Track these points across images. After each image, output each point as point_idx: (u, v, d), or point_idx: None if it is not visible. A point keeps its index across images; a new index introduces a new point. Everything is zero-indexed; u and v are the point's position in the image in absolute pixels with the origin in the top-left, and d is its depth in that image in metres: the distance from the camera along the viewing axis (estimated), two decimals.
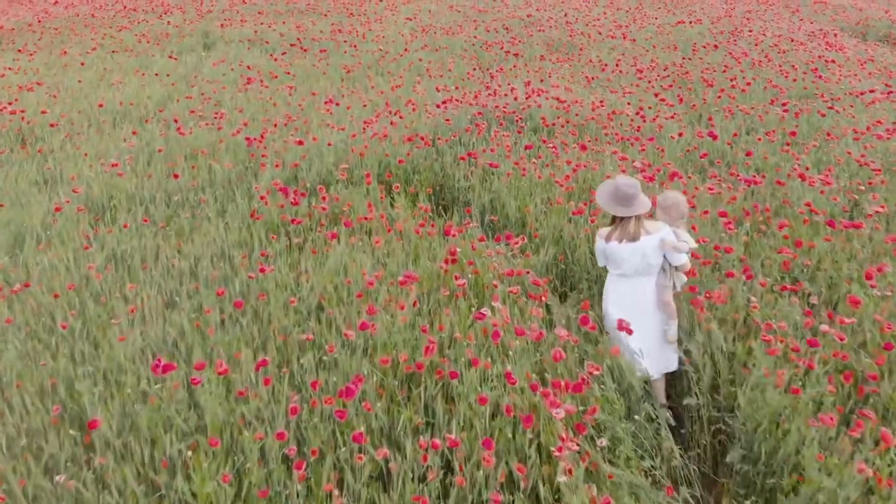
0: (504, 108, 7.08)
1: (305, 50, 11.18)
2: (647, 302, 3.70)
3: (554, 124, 6.72)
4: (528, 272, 4.26)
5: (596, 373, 3.11)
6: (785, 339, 3.64)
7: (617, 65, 9.77)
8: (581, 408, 3.01)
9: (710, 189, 5.26)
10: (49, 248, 5.14)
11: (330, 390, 3.26)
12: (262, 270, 4.30)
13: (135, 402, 3.41)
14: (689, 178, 5.71)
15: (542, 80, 8.98)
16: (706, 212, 4.82)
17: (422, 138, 6.49)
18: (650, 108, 7.38)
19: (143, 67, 10.74)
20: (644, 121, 6.90)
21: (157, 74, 10.05)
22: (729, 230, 4.55)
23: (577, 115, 7.03)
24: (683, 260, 3.67)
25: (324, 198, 5.51)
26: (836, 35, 12.12)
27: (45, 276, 4.73)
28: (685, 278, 3.84)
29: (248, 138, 6.82)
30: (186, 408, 3.34)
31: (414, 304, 3.75)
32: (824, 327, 3.70)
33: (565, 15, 13.94)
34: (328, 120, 7.65)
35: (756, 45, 10.70)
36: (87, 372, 3.71)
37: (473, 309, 3.75)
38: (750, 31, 11.98)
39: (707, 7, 15.27)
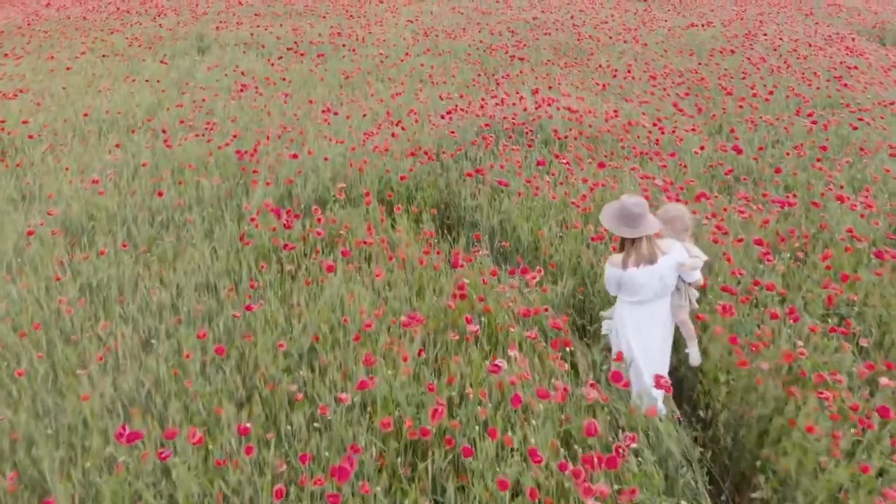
0: (513, 118, 6.63)
1: (303, 54, 10.75)
2: (665, 327, 3.45)
3: (566, 137, 6.28)
4: (545, 309, 3.83)
5: (633, 445, 2.67)
6: (840, 392, 3.21)
7: (629, 70, 9.33)
8: (616, 487, 2.57)
9: (740, 212, 4.82)
10: (20, 276, 4.70)
11: (322, 461, 2.82)
12: (248, 308, 3.87)
13: (100, 471, 2.98)
14: (716, 197, 5.27)
15: (550, 88, 8.54)
16: (740, 239, 4.37)
17: (425, 153, 6.05)
18: (667, 118, 6.93)
19: (133, 73, 10.30)
20: (662, 133, 6.46)
21: (147, 80, 9.61)
22: (768, 261, 4.10)
23: (590, 126, 6.59)
24: (698, 276, 3.49)
25: (319, 220, 5.07)
26: (853, 39, 11.67)
27: (14, 311, 4.30)
28: (697, 293, 3.61)
29: (238, 151, 6.38)
30: (158, 478, 2.91)
31: (419, 353, 3.31)
32: (884, 380, 3.26)
33: (572, 17, 13.51)
34: (325, 131, 7.21)
35: (774, 49, 10.25)
36: (50, 429, 3.28)
37: (487, 359, 3.32)
38: (765, 34, 11.54)
39: (717, 9, 14.83)
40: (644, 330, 3.40)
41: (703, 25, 12.46)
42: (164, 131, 7.38)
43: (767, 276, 4.16)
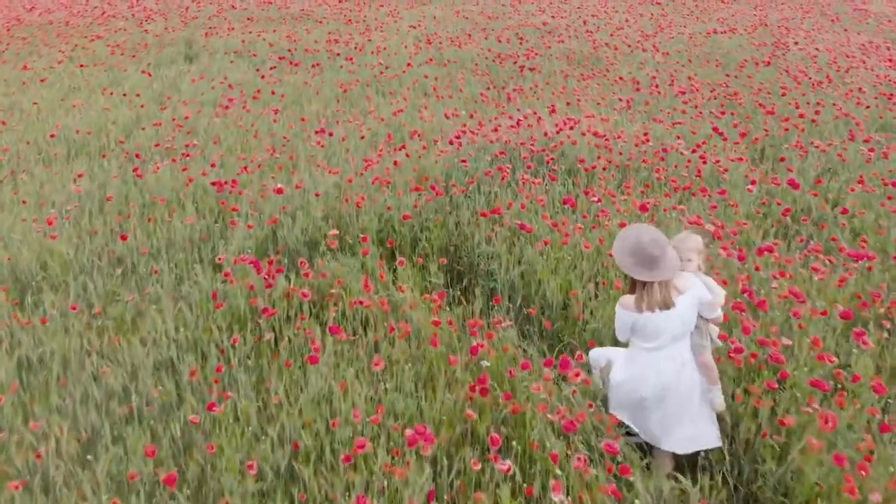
0: (531, 144, 5.82)
1: (296, 64, 9.95)
2: (687, 371, 3.03)
3: (595, 168, 5.46)
4: (590, 405, 3.03)
5: None
6: None
7: (655, 85, 8.52)
8: None
9: (814, 270, 4.01)
10: None
11: None
12: (210, 408, 3.06)
13: None
14: (776, 244, 4.46)
15: (568, 104, 7.73)
16: (825, 312, 3.56)
17: (433, 188, 5.24)
18: (706, 143, 6.11)
19: (112, 84, 9.50)
20: (704, 161, 5.65)
21: (125, 95, 8.80)
22: (864, 345, 3.29)
23: (620, 153, 5.78)
24: (719, 313, 3.18)
25: (306, 274, 4.26)
26: (888, 48, 10.86)
27: None
28: (717, 329, 3.27)
29: (218, 182, 5.57)
30: None
31: (430, 499, 2.50)
32: None
33: (584, 23, 12.69)
34: (318, 156, 6.41)
35: (813, 61, 9.44)
36: None
37: (519, 495, 2.51)
38: (795, 43, 10.73)
39: (737, 14, 14.02)
40: (668, 381, 2.98)
41: (725, 32, 11.64)
42: (137, 156, 6.58)
43: (859, 359, 3.36)
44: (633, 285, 2.94)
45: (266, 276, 4.24)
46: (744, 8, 14.83)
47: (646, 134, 6.32)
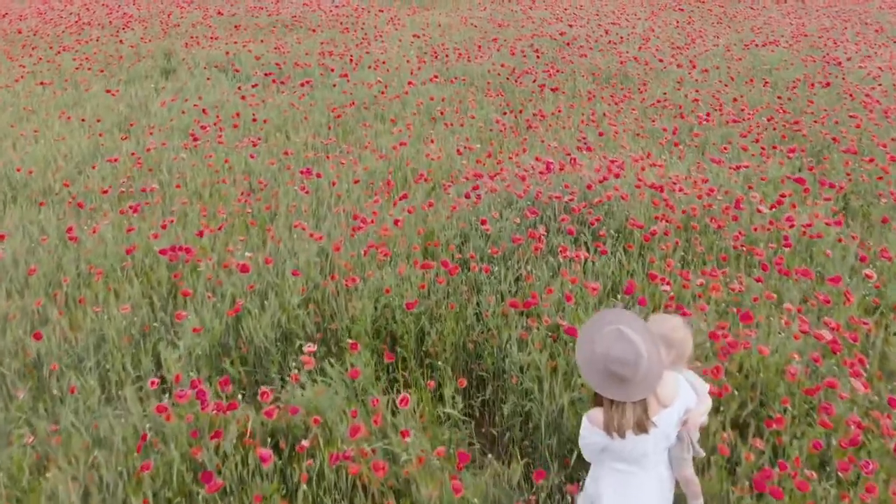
0: (569, 198, 4.60)
1: (283, 81, 8.73)
2: (669, 494, 2.54)
3: (654, 233, 4.23)
4: None
5: None
6: None
7: (696, 107, 7.31)
8: None
9: None
10: None
11: None
12: None
13: None
14: None
15: (601, 134, 6.51)
16: None
17: (444, 264, 4.02)
18: (786, 197, 4.88)
19: (73, 106, 8.30)
20: (791, 224, 4.43)
21: (83, 120, 7.59)
22: None
23: (683, 212, 4.56)
24: (705, 419, 2.63)
25: (269, 412, 3.05)
26: None
27: None
28: (698, 434, 2.59)
29: (172, 250, 4.36)
30: None
31: None
32: None
33: (606, 32, 11.47)
34: (301, 204, 5.20)
35: (876, 81, 8.23)
36: None
37: None
38: (848, 58, 9.51)
39: (771, 23, 12.81)
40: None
41: (766, 45, 10.43)
42: (80, 205, 5.38)
43: None
44: (600, 398, 2.28)
45: (216, 409, 3.03)
46: (775, 16, 13.61)
47: (704, 180, 5.10)
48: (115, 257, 4.51)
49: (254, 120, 7.20)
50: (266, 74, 9.17)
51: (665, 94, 7.97)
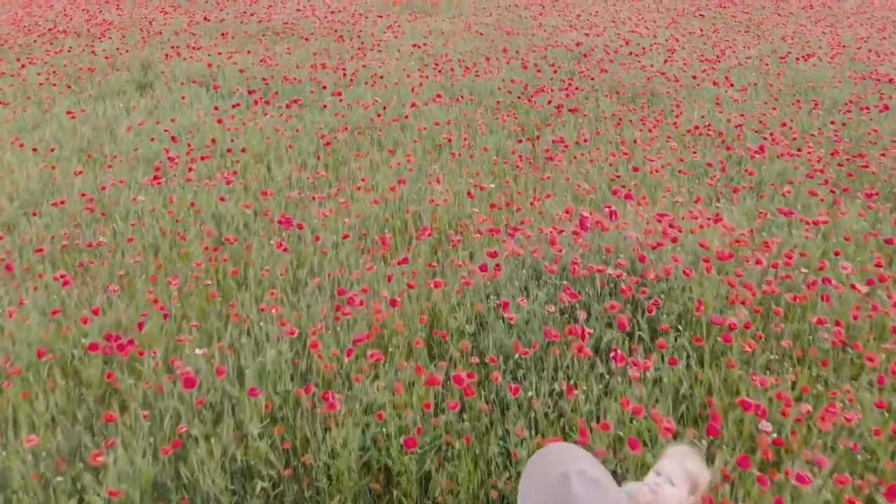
0: (614, 271, 3.60)
1: (268, 102, 7.74)
2: None
3: (733, 327, 3.24)
4: None
5: None
6: None
7: (742, 136, 6.32)
8: None
9: None
10: None
11: None
12: None
13: None
14: None
15: (635, 170, 5.53)
16: None
17: (457, 380, 3.02)
18: (881, 265, 3.88)
19: (30, 130, 7.32)
20: None
21: (35, 150, 6.61)
22: None
23: (763, 292, 3.56)
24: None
25: None
26: None
27: None
28: None
29: (107, 341, 3.38)
30: None
31: None
32: None
33: (626, 43, 10.47)
34: (278, 267, 4.22)
35: None
36: None
37: None
38: None
39: (802, 32, 11.81)
40: None
41: (805, 59, 9.43)
42: (9, 268, 4.39)
43: None
44: None
45: None
46: (805, 23, 12.62)
47: (776, 241, 4.11)
48: (42, 344, 3.54)
49: (228, 151, 6.20)
50: (250, 92, 8.18)
51: (703, 116, 6.98)
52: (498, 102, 7.54)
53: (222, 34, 11.70)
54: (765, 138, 6.28)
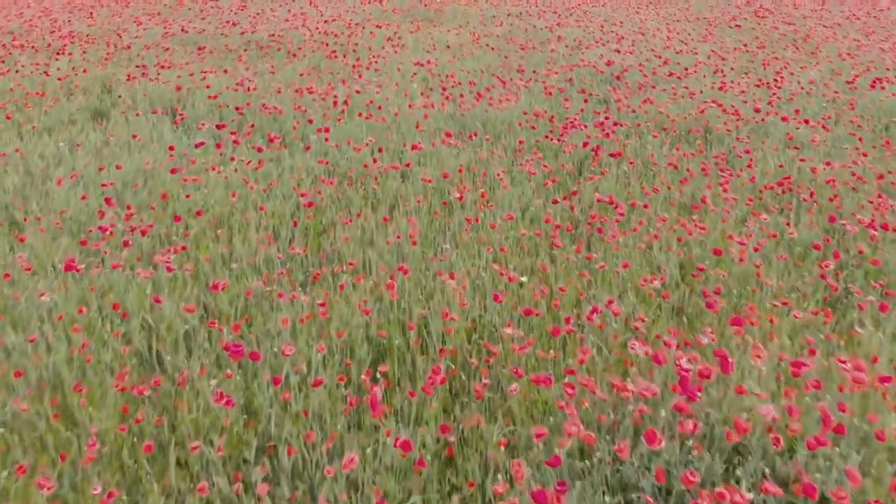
0: (734, 453, 2.20)
1: (238, 142, 6.34)
2: None
3: None
4: None
5: None
6: None
7: (838, 199, 4.92)
8: None
9: None
10: None
11: None
12: None
13: None
14: None
15: (717, 252, 4.11)
16: None
17: None
18: None
19: None
20: None
21: None
22: None
23: None
24: None
25: None
26: None
27: None
28: None
29: None
30: None
31: None
32: None
33: (663, 62, 9.06)
34: (214, 437, 2.82)
35: None
36: None
37: None
38: None
39: (858, 48, 10.40)
40: None
41: (883, 85, 8.01)
42: None
43: None
44: None
45: None
46: (858, 38, 11.20)
47: None
48: None
49: (176, 219, 4.80)
50: (219, 126, 6.77)
51: (780, 166, 5.57)
52: (520, 143, 6.13)
53: (199, 48, 10.31)
54: (870, 201, 4.86)
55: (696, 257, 4.17)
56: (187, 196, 5.23)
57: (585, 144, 5.83)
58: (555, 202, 4.90)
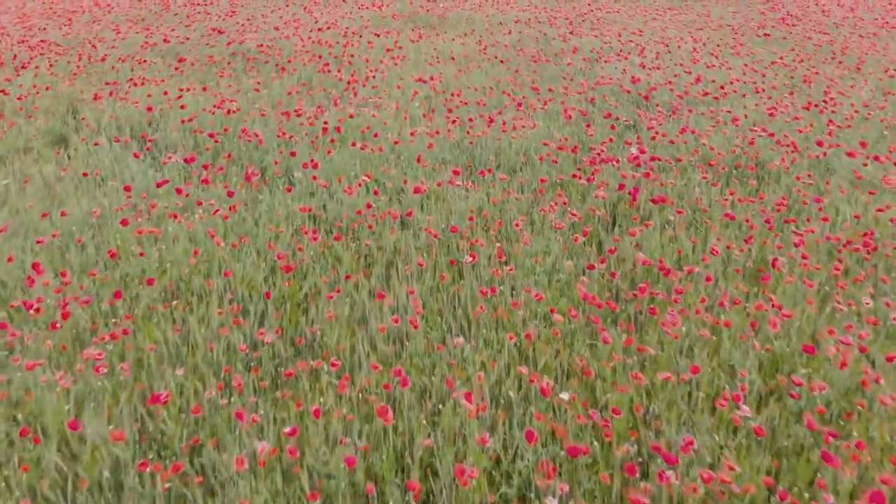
0: None
1: (207, 181, 5.38)
2: None
3: None
4: None
5: None
6: None
7: None
8: None
9: None
10: None
11: None
12: None
13: None
14: None
15: (809, 350, 3.17)
16: None
17: None
18: None
19: None
20: None
21: None
22: None
23: None
24: None
25: None
26: None
27: None
28: None
29: None
30: None
31: None
32: None
33: (696, 80, 8.11)
34: None
35: None
36: None
37: None
38: None
39: None
40: None
41: None
42: None
43: None
44: None
45: None
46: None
47: None
48: None
49: (117, 296, 3.83)
50: (189, 160, 5.82)
51: (857, 217, 4.61)
52: (542, 182, 5.18)
53: (180, 60, 9.37)
54: None
55: (779, 353, 3.23)
56: (140, 254, 4.29)
57: (621, 187, 4.88)
58: (591, 268, 3.96)
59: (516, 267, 4.14)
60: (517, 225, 4.56)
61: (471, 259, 4.08)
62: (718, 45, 9.96)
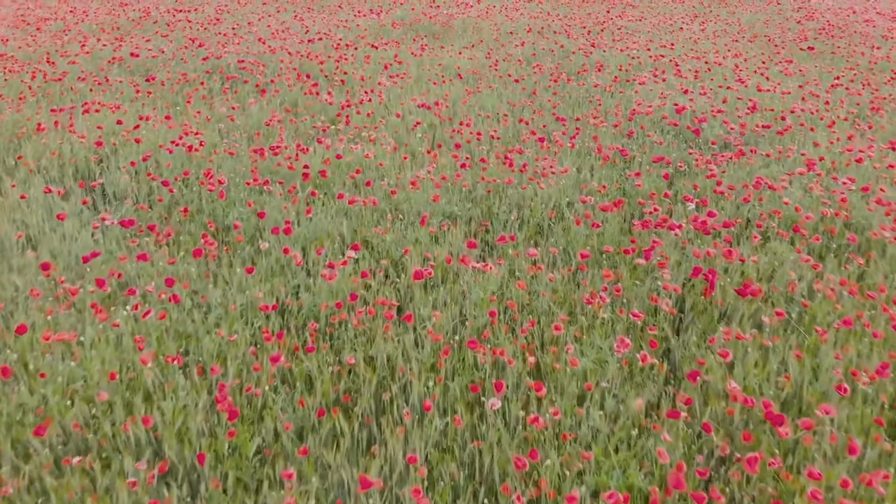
0: None
1: (166, 236, 4.18)
2: None
3: None
4: None
5: None
6: None
7: None
8: None
9: None
10: None
11: None
12: None
13: None
14: None
15: None
16: None
17: None
18: None
19: None
20: None
21: None
22: None
23: None
24: None
25: None
26: None
27: None
28: None
29: None
30: None
31: None
32: None
33: (751, 108, 6.88)
34: None
35: None
36: None
37: None
38: None
39: None
40: None
41: None
42: None
43: None
44: None
45: None
46: None
47: None
48: None
49: (27, 430, 2.63)
50: (125, 224, 4.60)
51: None
52: (583, 257, 3.96)
53: (148, 79, 8.17)
54: None
55: None
56: (41, 375, 3.09)
57: (696, 272, 3.65)
58: (674, 415, 2.74)
59: (561, 411, 2.93)
60: (557, 328, 3.35)
61: (497, 388, 2.88)
62: (763, 62, 8.74)
